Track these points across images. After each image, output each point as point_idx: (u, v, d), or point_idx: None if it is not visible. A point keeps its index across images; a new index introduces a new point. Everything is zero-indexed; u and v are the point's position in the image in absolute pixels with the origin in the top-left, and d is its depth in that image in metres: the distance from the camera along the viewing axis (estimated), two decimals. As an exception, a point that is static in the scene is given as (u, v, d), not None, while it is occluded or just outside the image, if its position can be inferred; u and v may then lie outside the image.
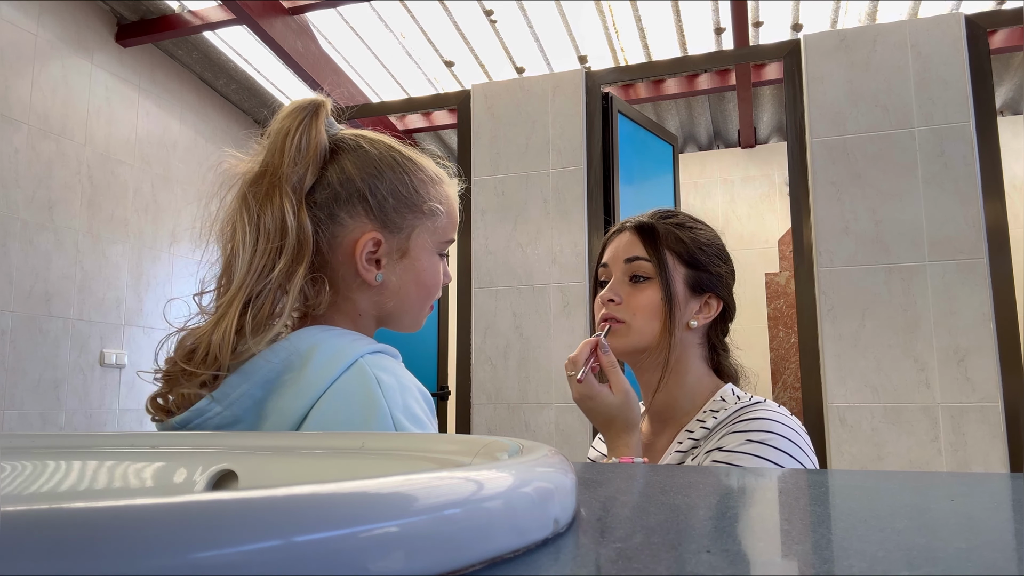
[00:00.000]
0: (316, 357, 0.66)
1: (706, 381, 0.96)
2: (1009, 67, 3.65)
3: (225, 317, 0.67)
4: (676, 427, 0.94)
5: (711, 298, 0.96)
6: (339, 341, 0.69)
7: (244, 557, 0.16)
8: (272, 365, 0.66)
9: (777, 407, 0.89)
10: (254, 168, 0.72)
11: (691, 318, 0.95)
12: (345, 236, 0.73)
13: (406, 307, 0.77)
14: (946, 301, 2.21)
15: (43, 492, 0.44)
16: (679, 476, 0.49)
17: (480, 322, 2.73)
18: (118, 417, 3.26)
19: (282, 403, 0.65)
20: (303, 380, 0.65)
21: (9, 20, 2.84)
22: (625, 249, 0.97)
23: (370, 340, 0.72)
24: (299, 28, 3.36)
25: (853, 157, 2.37)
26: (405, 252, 0.75)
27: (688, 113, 4.30)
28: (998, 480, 0.46)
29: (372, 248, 0.73)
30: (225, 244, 0.72)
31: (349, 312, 0.75)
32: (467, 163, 2.84)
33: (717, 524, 0.31)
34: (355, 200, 0.73)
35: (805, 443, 0.85)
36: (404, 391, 0.67)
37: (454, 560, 0.21)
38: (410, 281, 0.76)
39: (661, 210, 1.00)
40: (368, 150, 0.75)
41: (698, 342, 0.97)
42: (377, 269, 0.74)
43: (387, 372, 0.67)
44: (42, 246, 2.93)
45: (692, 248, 0.95)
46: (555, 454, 0.31)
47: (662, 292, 0.93)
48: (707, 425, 0.89)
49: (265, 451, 0.47)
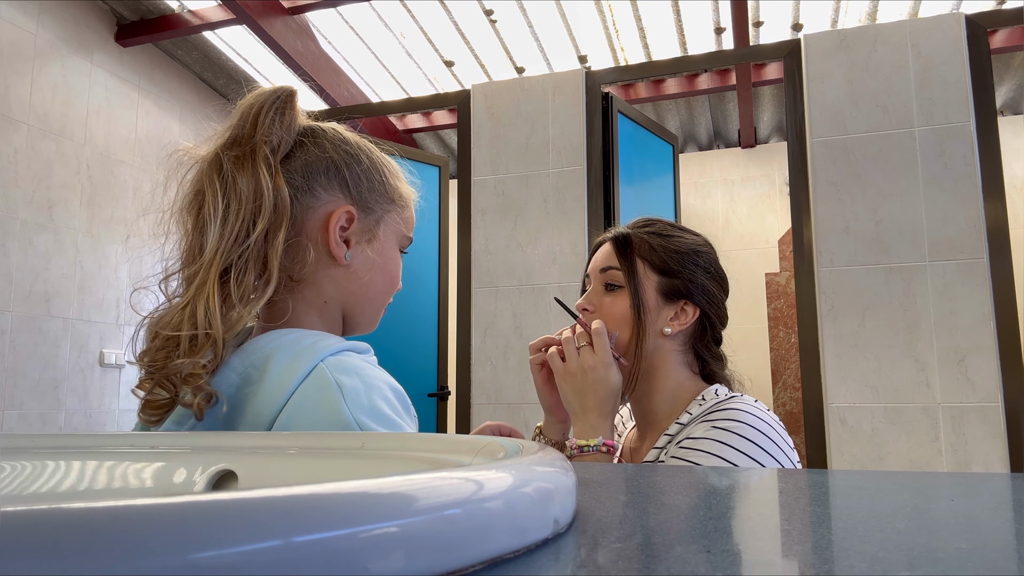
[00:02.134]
0: (273, 367, 0.63)
1: (688, 385, 0.95)
2: (1009, 67, 3.65)
3: (205, 286, 0.63)
4: (659, 431, 0.94)
5: (687, 305, 0.95)
6: (297, 346, 0.65)
7: (244, 557, 0.16)
8: (230, 380, 0.63)
9: (753, 401, 0.88)
10: (221, 141, 0.70)
11: (664, 325, 0.95)
12: (320, 208, 0.72)
13: (369, 296, 0.76)
14: (946, 301, 2.21)
15: (43, 492, 0.44)
16: (679, 476, 0.49)
17: (480, 322, 2.73)
18: (118, 417, 3.26)
19: (247, 419, 0.62)
20: (262, 393, 0.62)
21: (9, 20, 2.84)
22: (602, 260, 0.98)
23: (335, 338, 0.69)
24: (299, 28, 3.36)
25: (853, 157, 2.37)
26: (374, 236, 0.75)
27: (688, 113, 4.30)
28: (998, 480, 0.46)
29: (345, 223, 0.72)
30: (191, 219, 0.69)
31: (315, 299, 0.73)
32: (467, 163, 2.84)
33: (717, 524, 0.31)
34: (332, 174, 0.73)
35: (779, 436, 0.83)
36: (370, 391, 0.64)
37: (454, 560, 0.21)
38: (376, 267, 0.75)
39: (642, 219, 1.01)
40: (344, 135, 0.76)
41: (678, 349, 0.96)
42: (347, 248, 0.73)
43: (349, 374, 0.63)
44: (41, 246, 2.93)
45: (664, 255, 0.95)
46: (555, 454, 0.31)
47: (631, 300, 0.94)
48: (682, 421, 0.89)
49: (265, 451, 0.47)
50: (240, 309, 0.64)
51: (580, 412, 0.91)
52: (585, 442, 0.88)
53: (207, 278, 0.64)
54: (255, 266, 0.66)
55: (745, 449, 0.80)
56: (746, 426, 0.82)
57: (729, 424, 0.82)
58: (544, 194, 2.72)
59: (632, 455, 0.99)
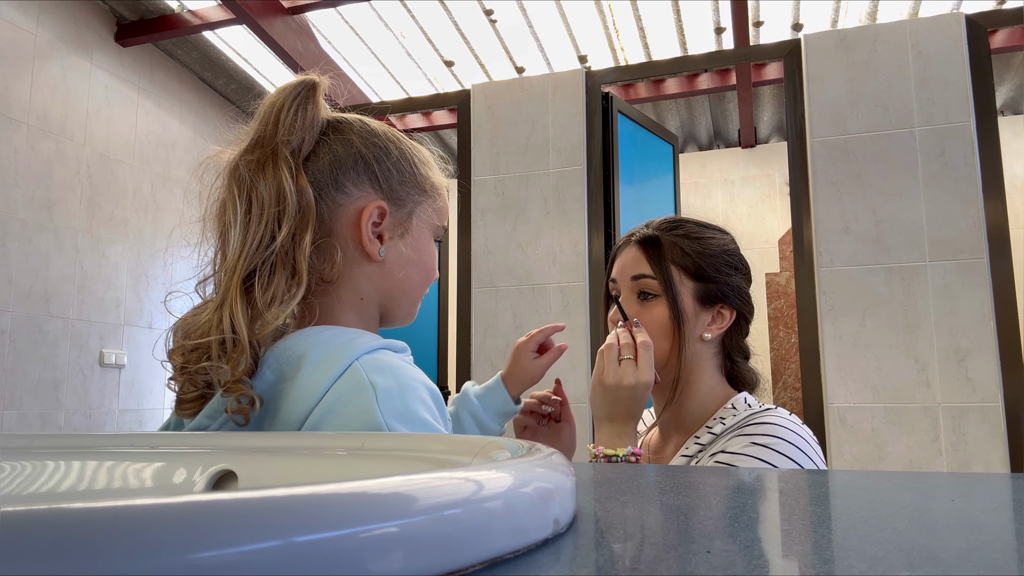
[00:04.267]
0: (307, 365, 0.62)
1: (719, 390, 0.94)
2: (1009, 67, 3.65)
3: (229, 291, 0.63)
4: (685, 435, 0.93)
5: (723, 308, 0.94)
6: (333, 343, 0.64)
7: (244, 557, 0.16)
8: (265, 377, 0.63)
9: (788, 414, 0.87)
10: (244, 144, 0.69)
11: (704, 331, 0.93)
12: (350, 205, 0.70)
13: (406, 289, 0.74)
14: (946, 301, 2.21)
15: (43, 492, 0.44)
16: (679, 476, 0.49)
17: (480, 322, 2.73)
18: (118, 417, 3.26)
19: (281, 416, 0.62)
20: (295, 391, 0.61)
21: (9, 20, 2.84)
22: (632, 265, 0.95)
23: (372, 336, 0.68)
24: (299, 28, 3.36)
25: (853, 157, 2.37)
26: (407, 229, 0.73)
27: (688, 113, 4.30)
28: (998, 480, 0.46)
29: (377, 219, 0.70)
30: (218, 226, 0.68)
31: (350, 297, 0.72)
32: (467, 163, 2.84)
33: (717, 524, 0.31)
34: (360, 168, 0.71)
35: (814, 452, 0.83)
36: (404, 392, 0.62)
37: (454, 560, 0.21)
38: (411, 260, 0.74)
39: (667, 220, 0.98)
40: (372, 127, 0.74)
41: (713, 352, 0.95)
42: (380, 243, 0.71)
43: (384, 374, 0.62)
44: (41, 246, 2.93)
45: (699, 260, 0.93)
46: (555, 454, 0.31)
47: (670, 310, 0.92)
48: (715, 431, 0.88)
49: (265, 451, 0.47)
50: (267, 313, 0.63)
51: (607, 421, 0.89)
52: (613, 452, 0.86)
53: (231, 284, 0.63)
54: (284, 269, 0.65)
55: (782, 465, 0.80)
56: (785, 442, 0.82)
57: (768, 440, 0.82)
58: (544, 194, 2.72)
59: (654, 458, 0.98)
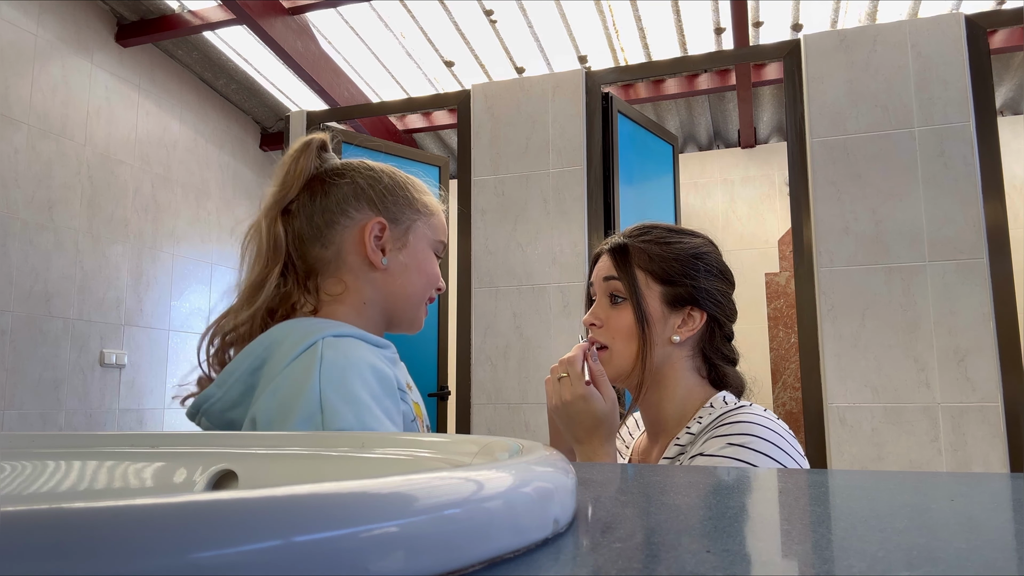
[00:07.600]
0: (285, 344, 0.72)
1: (697, 392, 0.95)
2: (1009, 67, 3.65)
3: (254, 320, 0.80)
4: (668, 437, 0.94)
5: (693, 311, 0.94)
6: (311, 327, 0.74)
7: (244, 557, 0.16)
8: (256, 354, 0.73)
9: (762, 411, 0.88)
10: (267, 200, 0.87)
11: (672, 333, 0.94)
12: (354, 226, 0.84)
13: (408, 293, 0.86)
14: (946, 301, 2.21)
15: (43, 492, 0.44)
16: (679, 476, 0.49)
17: (480, 322, 2.73)
18: (118, 417, 3.26)
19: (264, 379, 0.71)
20: (271, 367, 0.71)
21: (9, 20, 2.84)
22: (604, 271, 0.98)
23: (349, 327, 0.77)
24: (299, 28, 3.36)
25: (853, 157, 2.37)
26: (405, 243, 0.86)
27: (688, 113, 4.30)
28: (998, 480, 0.46)
29: (378, 232, 0.83)
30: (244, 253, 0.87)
31: (354, 302, 0.83)
32: (467, 163, 2.84)
33: (717, 524, 0.31)
34: (360, 196, 0.85)
35: (790, 445, 0.83)
36: (348, 369, 0.69)
37: (454, 560, 0.21)
38: (412, 267, 0.86)
39: (638, 226, 1.00)
40: (371, 165, 0.88)
41: (687, 354, 0.96)
42: (383, 254, 0.83)
43: (336, 350, 0.71)
44: (42, 246, 2.93)
45: (664, 264, 0.94)
46: (555, 454, 0.31)
47: (634, 314, 0.93)
48: (692, 431, 0.89)
49: (265, 451, 0.47)
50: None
51: (575, 442, 0.91)
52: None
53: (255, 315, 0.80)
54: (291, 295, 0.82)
55: (760, 463, 0.80)
56: (762, 440, 0.82)
57: (744, 440, 0.82)
58: (544, 194, 2.72)
59: (642, 462, 0.99)
